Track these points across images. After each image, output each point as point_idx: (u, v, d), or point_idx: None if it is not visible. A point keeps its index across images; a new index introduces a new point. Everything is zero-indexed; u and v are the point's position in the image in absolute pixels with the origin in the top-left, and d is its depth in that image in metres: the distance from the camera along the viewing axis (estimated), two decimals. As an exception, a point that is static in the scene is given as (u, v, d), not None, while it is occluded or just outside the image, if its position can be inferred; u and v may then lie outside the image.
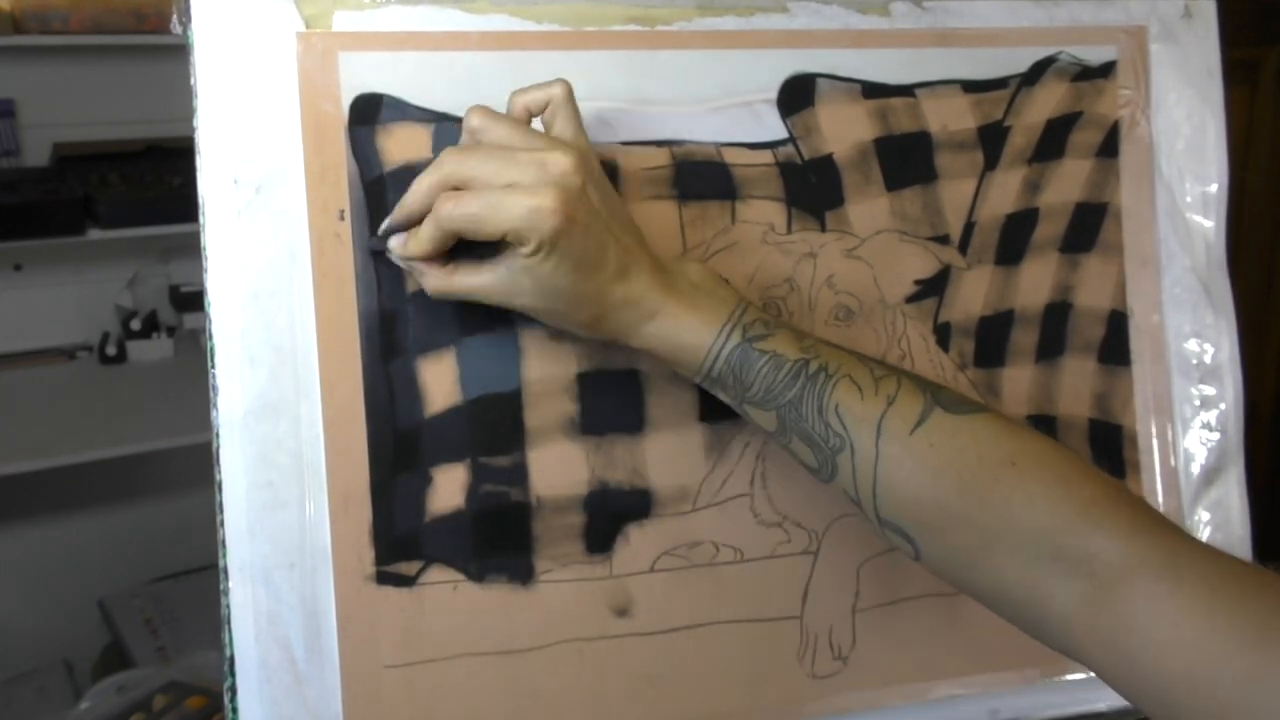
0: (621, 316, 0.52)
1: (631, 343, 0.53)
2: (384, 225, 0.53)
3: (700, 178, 0.61)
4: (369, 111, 0.55)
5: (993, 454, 0.49)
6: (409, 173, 0.55)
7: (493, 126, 0.51)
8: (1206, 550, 0.46)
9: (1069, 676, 0.67)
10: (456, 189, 0.50)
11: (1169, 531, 0.47)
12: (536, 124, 0.54)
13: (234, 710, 0.53)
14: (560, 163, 0.49)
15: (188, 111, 0.53)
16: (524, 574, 0.58)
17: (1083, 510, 0.47)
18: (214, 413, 0.53)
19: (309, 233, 0.54)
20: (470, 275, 0.52)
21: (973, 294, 0.66)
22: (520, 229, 0.48)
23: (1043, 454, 0.49)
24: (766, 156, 0.62)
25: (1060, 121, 0.68)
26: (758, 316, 0.53)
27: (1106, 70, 0.69)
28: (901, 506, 0.50)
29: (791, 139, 0.62)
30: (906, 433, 0.50)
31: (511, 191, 0.48)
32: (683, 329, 0.52)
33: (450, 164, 0.50)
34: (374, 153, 0.55)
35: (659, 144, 0.60)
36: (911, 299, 0.65)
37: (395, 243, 0.53)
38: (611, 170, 0.59)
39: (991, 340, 0.66)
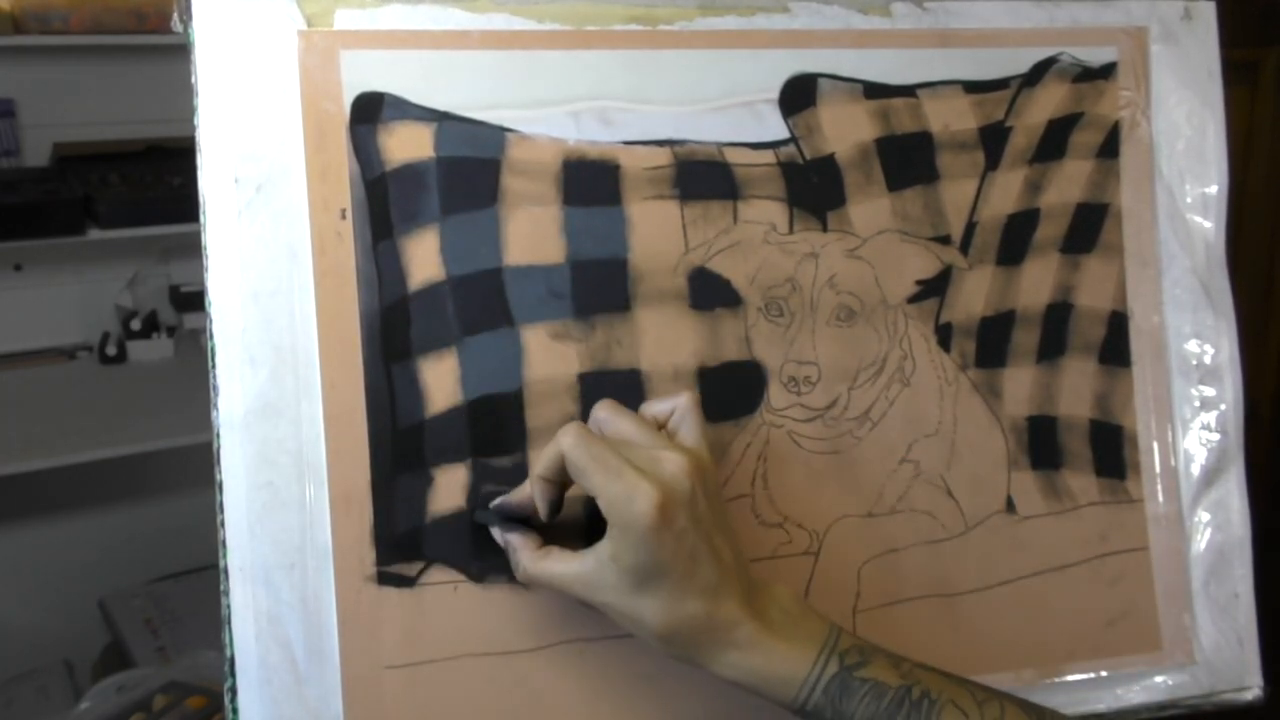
0: (705, 638, 0.50)
1: (714, 669, 0.51)
2: (500, 501, 0.55)
3: (702, 177, 0.61)
4: (370, 110, 0.55)
5: None
6: (410, 172, 0.55)
7: (617, 419, 0.52)
8: None
9: (1069, 677, 0.67)
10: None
11: None
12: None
13: (234, 710, 0.53)
14: (674, 462, 0.49)
15: (188, 111, 0.53)
16: (525, 574, 0.58)
17: None
18: (214, 413, 0.53)
19: (310, 232, 0.54)
20: (560, 562, 0.52)
21: (974, 294, 0.66)
22: (614, 501, 0.48)
23: None
24: (768, 156, 0.62)
25: (1061, 122, 0.68)
26: (853, 643, 0.52)
27: (1107, 71, 0.69)
28: None
29: (793, 139, 0.62)
30: None
31: (624, 467, 0.49)
32: (775, 660, 0.50)
33: (571, 452, 0.50)
34: (375, 152, 0.55)
35: (660, 144, 0.60)
36: (913, 299, 0.65)
37: (497, 503, 0.54)
38: (613, 170, 0.59)
39: (992, 340, 0.66)
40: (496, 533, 0.55)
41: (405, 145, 0.56)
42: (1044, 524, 0.67)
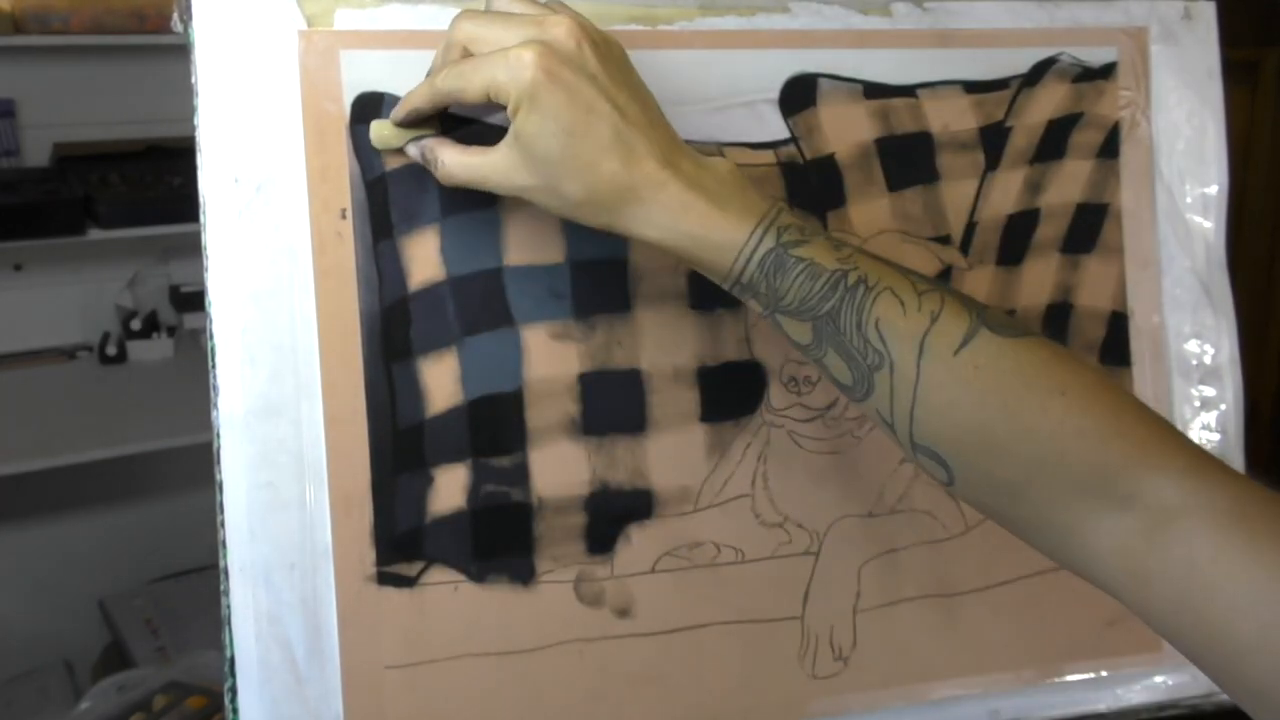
0: (628, 197, 0.48)
1: (644, 233, 0.49)
2: (398, 111, 0.53)
3: (701, 178, 0.60)
4: (370, 110, 0.55)
5: (1042, 381, 0.46)
6: (410, 172, 0.55)
7: (508, 1, 0.51)
8: (1271, 496, 0.43)
9: (1069, 677, 0.67)
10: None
11: (1228, 474, 0.44)
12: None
13: (234, 710, 0.53)
14: (557, 22, 0.48)
15: (188, 111, 0.53)
16: (525, 574, 0.58)
17: (1137, 446, 0.45)
18: (214, 413, 0.53)
19: (310, 232, 0.54)
20: (477, 156, 0.51)
21: (974, 294, 0.66)
22: (499, 82, 0.47)
23: (1095, 385, 0.47)
24: (768, 156, 0.62)
25: (1061, 122, 0.68)
26: (793, 220, 0.49)
27: (1107, 71, 0.69)
28: (940, 431, 0.47)
29: (793, 139, 0.62)
30: (950, 353, 0.47)
31: (500, 50, 0.48)
32: (708, 225, 0.48)
33: (458, 27, 0.50)
34: (375, 152, 0.55)
35: (660, 144, 0.60)
36: (912, 299, 0.64)
37: (393, 114, 0.53)
38: None
39: (992, 341, 0.66)
40: (412, 147, 0.54)
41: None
42: (1044, 524, 0.67)
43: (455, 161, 0.52)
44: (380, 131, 0.55)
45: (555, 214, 0.51)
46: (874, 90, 0.64)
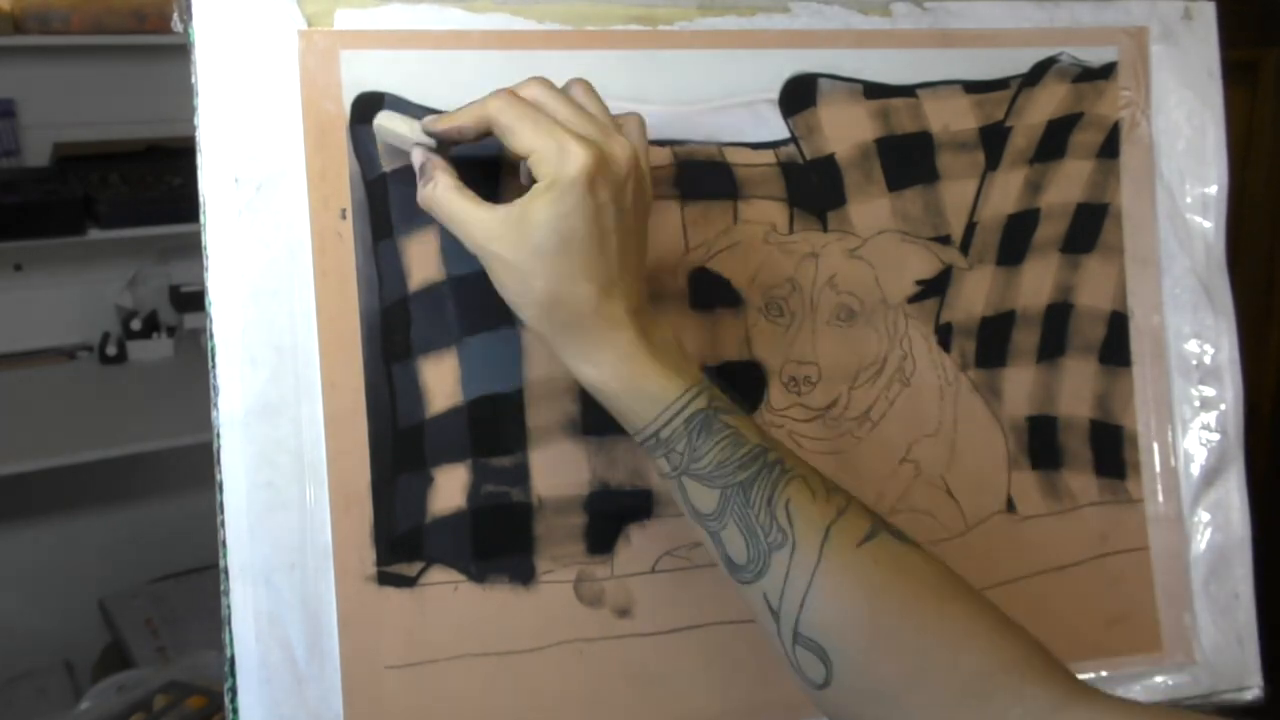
0: (587, 325, 0.49)
1: (581, 366, 0.50)
2: (438, 121, 0.52)
3: (702, 178, 0.61)
4: (370, 110, 0.55)
5: (939, 585, 0.48)
6: (410, 172, 0.55)
7: (585, 95, 0.51)
8: (1142, 706, 0.46)
9: (1070, 677, 0.67)
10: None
11: (1100, 693, 0.46)
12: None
13: (234, 710, 0.53)
14: (622, 146, 0.49)
15: (188, 111, 0.53)
16: (525, 574, 0.58)
17: (1022, 656, 0.46)
18: (214, 413, 0.53)
19: (310, 231, 0.54)
20: (470, 202, 0.50)
21: (974, 294, 0.66)
22: (545, 155, 0.47)
23: (982, 599, 0.48)
24: (768, 156, 0.62)
25: (1061, 122, 0.68)
26: (724, 393, 0.51)
27: (1107, 71, 0.69)
28: (831, 620, 0.47)
29: (793, 139, 0.62)
30: (854, 544, 0.48)
31: (562, 128, 0.48)
32: (649, 376, 0.49)
33: (531, 87, 0.50)
34: (375, 151, 0.55)
35: (661, 144, 0.60)
36: (913, 299, 0.65)
37: (430, 121, 0.52)
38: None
39: (993, 340, 0.66)
40: (419, 153, 0.52)
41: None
42: (1044, 524, 0.67)
43: (446, 193, 0.51)
44: (390, 124, 0.54)
45: (502, 295, 0.50)
46: (874, 90, 0.64)
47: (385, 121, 0.54)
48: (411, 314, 0.56)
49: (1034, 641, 0.47)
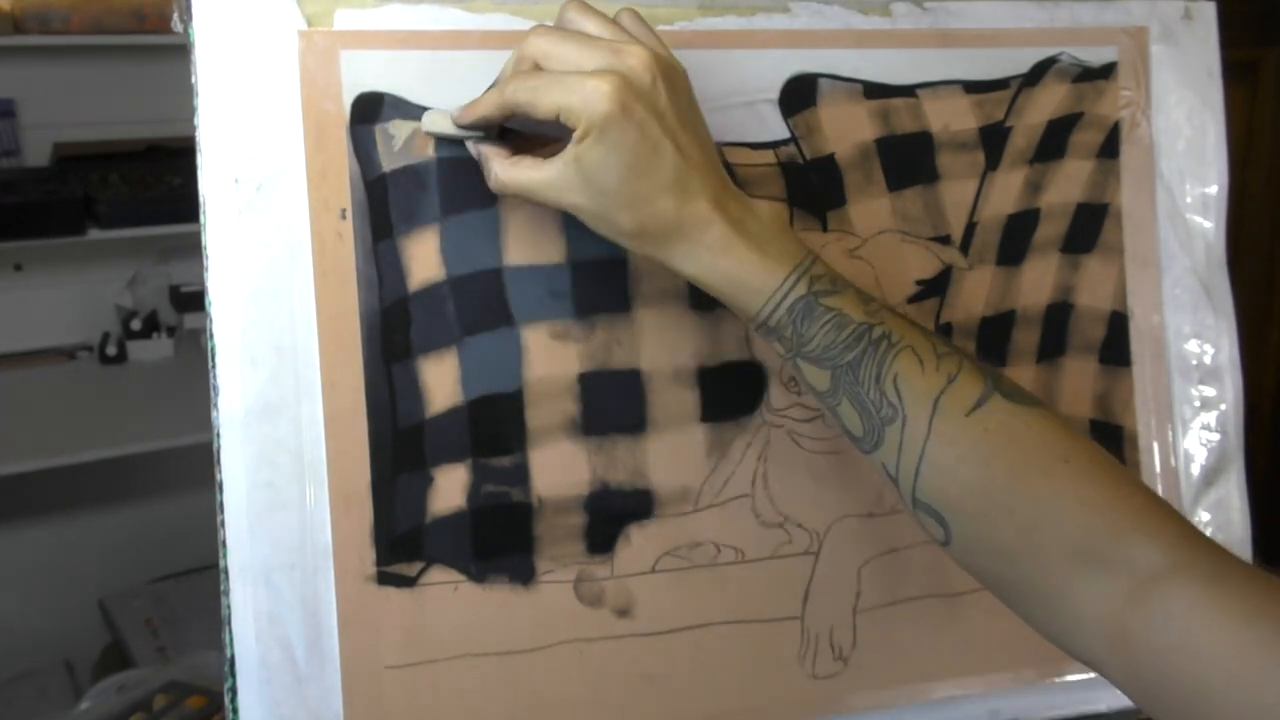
0: (675, 235, 0.50)
1: (684, 268, 0.51)
2: (466, 113, 0.53)
3: (701, 178, 0.60)
4: (370, 110, 0.55)
5: (1048, 448, 0.48)
6: (410, 172, 0.55)
7: (581, 18, 0.51)
8: (1253, 568, 0.45)
9: (1069, 677, 0.67)
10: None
11: (1214, 546, 0.46)
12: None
13: (234, 710, 0.53)
14: (635, 54, 0.48)
15: (188, 111, 0.53)
16: (525, 574, 0.58)
17: (1131, 515, 0.46)
18: (214, 413, 0.53)
19: (310, 232, 0.54)
20: (531, 169, 0.51)
21: (974, 294, 0.66)
22: (572, 107, 0.47)
23: (1096, 456, 0.48)
24: (768, 156, 0.62)
25: (1061, 122, 0.68)
26: (826, 271, 0.51)
27: (1107, 71, 0.69)
28: (944, 488, 0.48)
29: (793, 139, 0.62)
30: (963, 413, 0.48)
31: (574, 74, 0.48)
32: (746, 268, 0.50)
33: (531, 42, 0.50)
34: (375, 151, 0.55)
35: (660, 144, 0.60)
36: (913, 299, 0.65)
37: (456, 112, 0.53)
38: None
39: (993, 340, 0.66)
40: (471, 145, 0.54)
41: (405, 145, 0.56)
42: (1044, 524, 0.67)
43: (508, 174, 0.52)
44: (435, 120, 0.55)
45: (599, 234, 0.51)
46: (874, 90, 0.64)
47: (431, 124, 0.55)
48: (411, 314, 0.56)
49: (1148, 499, 0.47)
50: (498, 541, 0.57)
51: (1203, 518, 0.70)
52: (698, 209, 0.50)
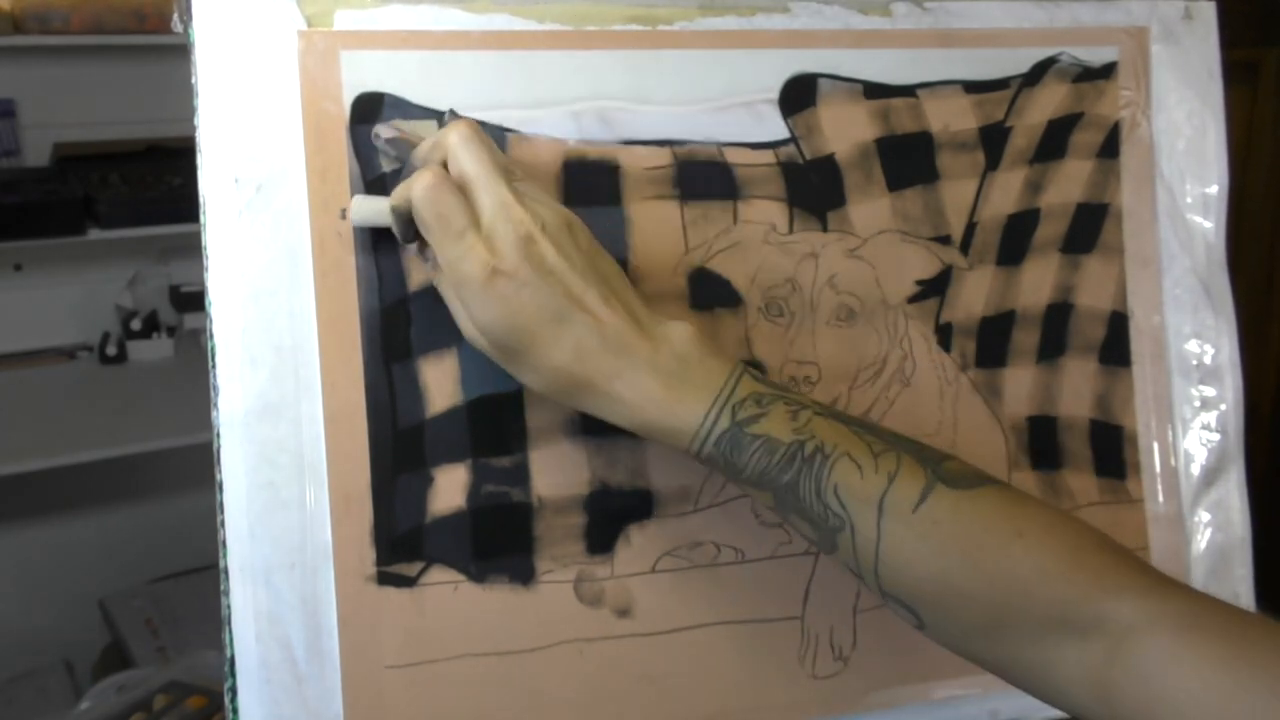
0: (584, 391, 0.50)
1: (605, 418, 0.51)
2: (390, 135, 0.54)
3: (702, 178, 0.61)
4: (370, 110, 0.55)
5: (1000, 527, 0.48)
6: (410, 172, 0.55)
7: (467, 151, 0.51)
8: (1225, 606, 0.45)
9: (1070, 677, 0.67)
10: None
11: (1184, 590, 0.46)
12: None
13: (234, 710, 0.53)
14: (516, 215, 0.49)
15: (188, 111, 0.53)
16: (525, 574, 0.58)
17: (1095, 577, 0.46)
18: (214, 413, 0.53)
19: (310, 232, 0.54)
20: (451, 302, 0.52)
21: (974, 294, 0.66)
22: (451, 266, 0.49)
23: (1051, 523, 0.48)
24: (768, 156, 0.62)
25: (1061, 122, 0.68)
26: (750, 392, 0.50)
27: (1107, 71, 0.69)
28: (904, 582, 0.49)
29: (793, 139, 0.62)
30: (909, 510, 0.48)
31: (465, 230, 0.49)
32: (664, 412, 0.49)
33: (421, 189, 0.50)
34: (375, 152, 0.55)
35: (660, 144, 0.60)
36: (913, 299, 0.65)
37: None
38: (613, 170, 0.59)
39: (993, 340, 0.66)
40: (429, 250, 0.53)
41: (406, 146, 0.56)
42: (1044, 524, 0.67)
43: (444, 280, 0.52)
44: (360, 209, 0.54)
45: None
46: (874, 90, 0.64)
47: (357, 209, 0.54)
48: (411, 314, 0.56)
49: (1109, 556, 0.47)
50: (498, 541, 0.57)
51: (1203, 518, 0.70)
52: (598, 362, 0.49)
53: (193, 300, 2.14)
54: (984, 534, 0.48)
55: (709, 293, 0.61)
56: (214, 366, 0.53)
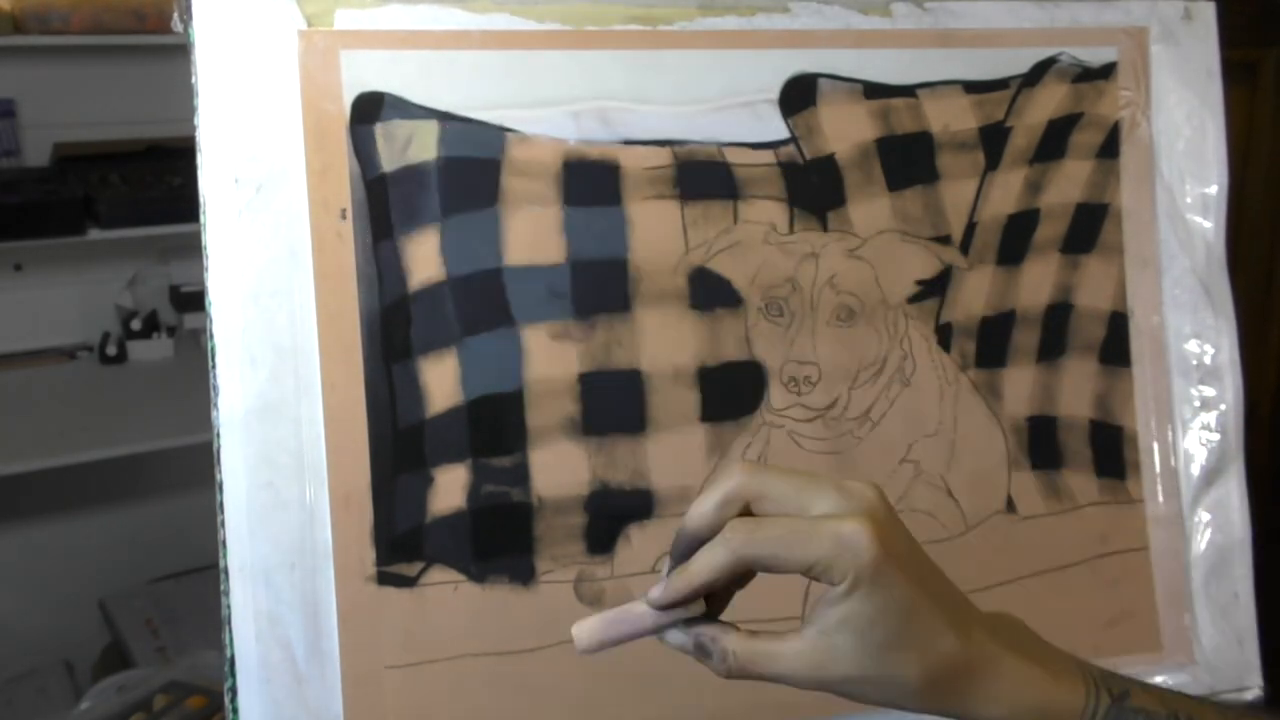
0: (969, 678, 0.43)
1: (989, 713, 0.44)
2: (661, 589, 0.43)
3: (702, 178, 0.61)
4: (370, 110, 0.55)
5: None
6: (410, 172, 0.55)
7: (770, 481, 0.43)
8: None
9: (1070, 677, 0.67)
10: (748, 512, 0.43)
11: None
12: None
13: (234, 710, 0.53)
14: (868, 491, 0.42)
15: (188, 111, 0.53)
16: (525, 574, 0.58)
17: None
18: (215, 413, 0.53)
19: (310, 232, 0.54)
20: (774, 644, 0.44)
21: (974, 294, 0.66)
22: (833, 558, 0.41)
23: None
24: (768, 156, 0.62)
25: (1061, 122, 0.68)
26: (1101, 670, 0.47)
27: (1107, 71, 0.69)
28: None
29: (793, 139, 0.62)
30: None
31: (821, 519, 0.42)
32: (1049, 693, 0.44)
33: (743, 483, 0.43)
34: (375, 151, 0.55)
35: (661, 144, 0.60)
36: (913, 299, 0.65)
37: (656, 593, 0.43)
38: (613, 170, 0.59)
39: (993, 340, 0.66)
40: (673, 634, 0.45)
41: (405, 145, 0.56)
42: (1044, 524, 0.67)
43: (749, 652, 0.44)
44: (590, 632, 0.43)
45: (872, 704, 0.44)
46: (874, 90, 0.64)
47: (589, 637, 0.43)
48: (411, 314, 0.56)
49: None
50: (498, 541, 0.57)
51: (1203, 518, 0.70)
52: (979, 641, 0.44)
53: (193, 300, 2.13)
54: None
55: (709, 293, 0.61)
56: (214, 366, 0.53)
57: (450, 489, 0.56)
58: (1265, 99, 1.62)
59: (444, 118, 0.56)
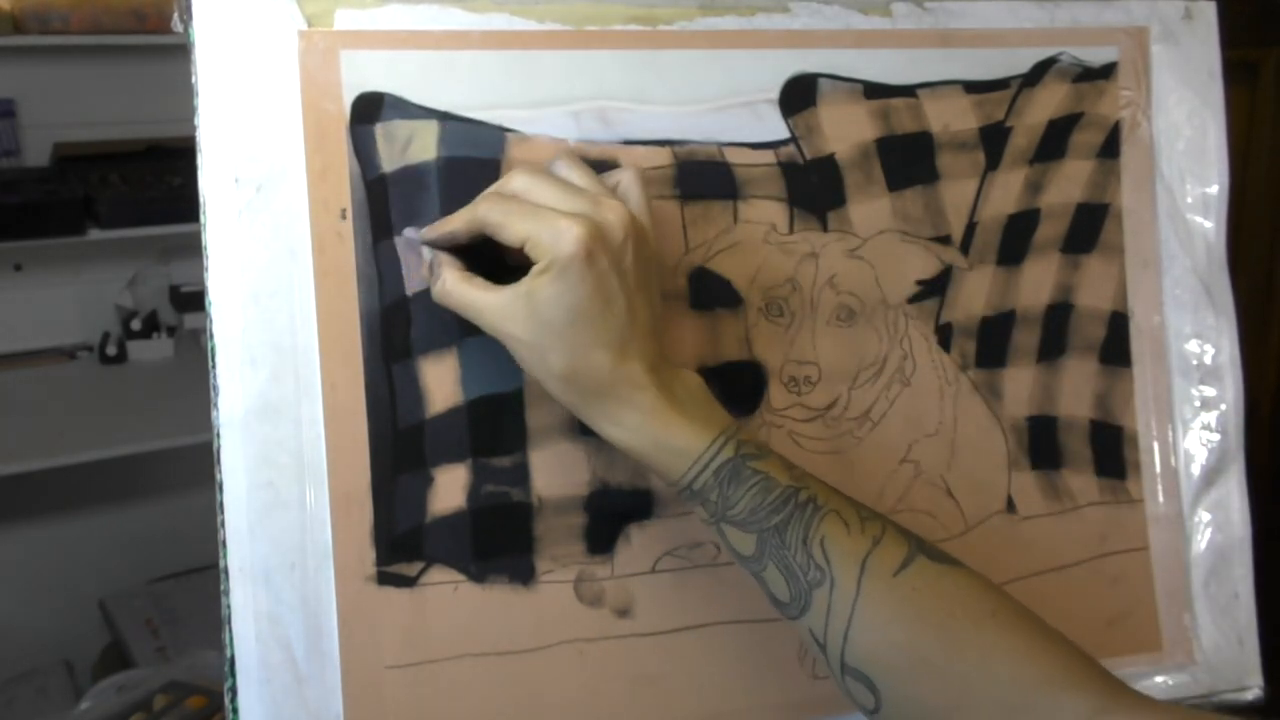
0: (606, 392, 0.51)
1: (606, 429, 0.52)
2: (432, 229, 0.54)
3: (702, 177, 0.61)
4: (370, 110, 0.55)
5: (976, 604, 0.49)
6: (410, 172, 0.55)
7: (570, 169, 0.52)
8: (1176, 710, 0.47)
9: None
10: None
11: (1136, 696, 0.47)
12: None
13: (234, 710, 0.53)
14: (613, 209, 0.50)
15: (188, 111, 0.53)
16: (525, 574, 0.58)
17: (1059, 666, 0.47)
18: (214, 413, 0.53)
19: (310, 232, 0.54)
20: (478, 289, 0.51)
21: (974, 294, 0.66)
22: (540, 240, 0.48)
23: (1020, 609, 0.50)
24: (768, 156, 0.62)
25: (1061, 122, 0.68)
26: (750, 437, 0.52)
27: (1107, 71, 0.69)
28: (874, 650, 0.49)
29: (793, 139, 0.62)
30: (890, 574, 0.49)
31: (551, 209, 0.49)
32: (673, 431, 0.51)
33: (515, 177, 0.51)
34: (375, 151, 0.55)
35: (661, 144, 0.60)
36: (913, 299, 0.65)
37: (425, 233, 0.54)
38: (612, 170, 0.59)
39: (993, 341, 0.66)
40: (425, 250, 0.55)
41: (406, 145, 0.56)
42: (1044, 524, 0.67)
43: (455, 285, 0.52)
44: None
45: (525, 370, 0.52)
46: (874, 90, 0.64)
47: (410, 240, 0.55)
48: (411, 314, 0.56)
49: (1072, 650, 0.48)
50: (498, 541, 0.57)
51: (1203, 518, 0.70)
52: (632, 370, 0.50)
53: (193, 300, 2.14)
54: (959, 606, 0.49)
55: (709, 293, 0.61)
56: (214, 366, 0.53)
57: (450, 489, 0.56)
58: (1265, 99, 1.62)
59: (444, 118, 0.56)
